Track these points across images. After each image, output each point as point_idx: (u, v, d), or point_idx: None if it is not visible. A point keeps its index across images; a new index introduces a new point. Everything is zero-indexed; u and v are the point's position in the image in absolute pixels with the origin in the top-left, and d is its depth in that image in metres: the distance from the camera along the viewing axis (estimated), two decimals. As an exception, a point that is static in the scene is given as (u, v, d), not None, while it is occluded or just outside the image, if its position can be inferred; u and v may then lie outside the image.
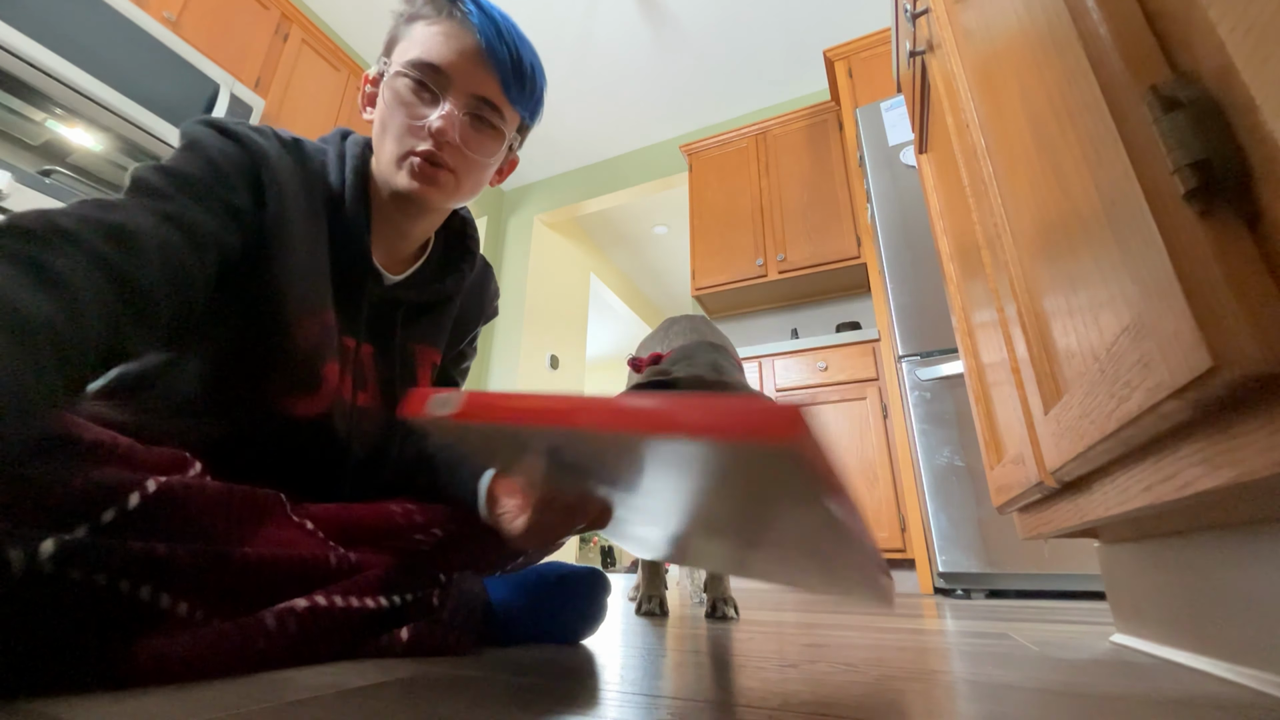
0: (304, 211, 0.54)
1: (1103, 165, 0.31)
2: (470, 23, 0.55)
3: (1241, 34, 0.22)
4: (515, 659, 0.51)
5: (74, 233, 0.36)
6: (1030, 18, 0.42)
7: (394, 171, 0.56)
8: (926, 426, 1.67)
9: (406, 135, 0.55)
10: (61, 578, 0.33)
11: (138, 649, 0.35)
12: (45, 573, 0.32)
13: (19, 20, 1.48)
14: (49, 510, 0.34)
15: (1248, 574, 0.43)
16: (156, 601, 0.37)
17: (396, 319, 0.63)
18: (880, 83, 2.43)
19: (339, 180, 0.58)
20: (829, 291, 2.78)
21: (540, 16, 2.81)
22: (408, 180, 0.55)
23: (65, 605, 0.34)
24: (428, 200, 0.57)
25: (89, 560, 0.34)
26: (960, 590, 1.56)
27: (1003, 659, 0.55)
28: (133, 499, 0.38)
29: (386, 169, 0.57)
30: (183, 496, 0.40)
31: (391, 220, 0.61)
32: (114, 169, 1.88)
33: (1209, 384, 0.24)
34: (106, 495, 0.37)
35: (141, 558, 0.36)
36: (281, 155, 0.54)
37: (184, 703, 0.31)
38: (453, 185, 0.58)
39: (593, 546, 5.80)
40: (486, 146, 0.59)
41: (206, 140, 0.50)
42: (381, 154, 0.57)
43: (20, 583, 0.32)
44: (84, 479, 0.36)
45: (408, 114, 0.55)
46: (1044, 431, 0.52)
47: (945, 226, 1.05)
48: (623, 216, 4.27)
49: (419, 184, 0.55)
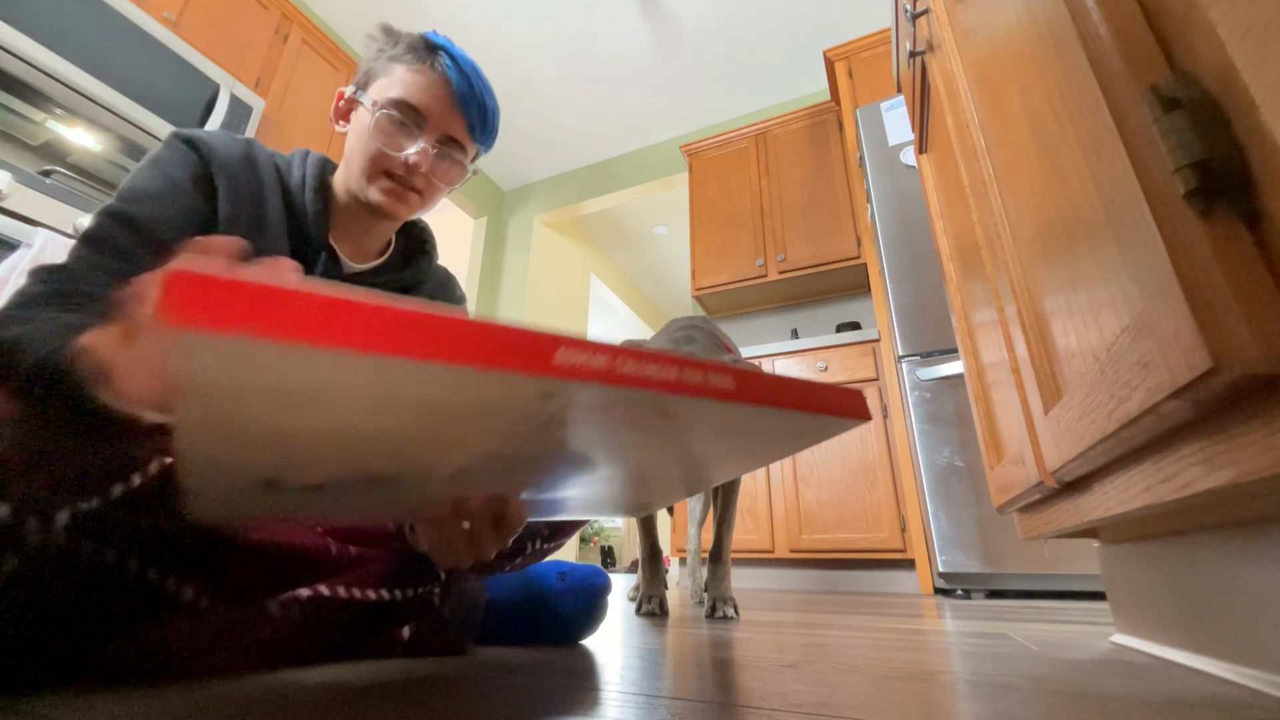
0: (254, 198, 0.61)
1: (1103, 165, 0.31)
2: (448, 75, 0.65)
3: (1241, 34, 0.22)
4: (515, 659, 0.51)
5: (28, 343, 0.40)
6: (1030, 17, 0.42)
7: (364, 185, 0.65)
8: (926, 426, 1.67)
9: (381, 159, 0.64)
10: (74, 552, 0.34)
11: (144, 634, 0.36)
12: (58, 544, 0.33)
13: (19, 20, 1.48)
14: (65, 480, 0.35)
15: (1248, 574, 0.43)
16: (164, 584, 0.38)
17: None
18: (880, 83, 2.43)
19: (300, 175, 0.66)
20: (829, 291, 2.78)
21: (540, 16, 2.81)
22: (379, 195, 0.64)
23: (75, 583, 0.34)
24: (395, 214, 0.66)
25: (99, 534, 0.35)
26: (960, 590, 1.56)
27: (1003, 659, 0.55)
28: (135, 478, 0.38)
29: (357, 180, 0.65)
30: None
31: (356, 220, 0.68)
32: (114, 169, 1.88)
33: (1209, 384, 0.24)
34: (118, 469, 0.38)
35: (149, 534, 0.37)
36: (231, 147, 0.62)
37: (184, 703, 0.31)
38: (418, 203, 0.67)
39: (593, 546, 5.79)
40: (451, 176, 0.69)
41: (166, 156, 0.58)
42: (354, 166, 0.65)
43: (34, 555, 0.32)
44: (94, 453, 0.37)
45: (386, 142, 0.63)
46: (1044, 432, 0.52)
47: (945, 226, 1.05)
48: (623, 216, 4.27)
49: (389, 199, 0.64)
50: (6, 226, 1.28)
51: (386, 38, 0.67)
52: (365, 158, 0.64)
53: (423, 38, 0.67)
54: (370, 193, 0.64)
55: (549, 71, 3.12)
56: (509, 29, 2.88)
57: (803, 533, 2.00)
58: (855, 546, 1.90)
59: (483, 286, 3.65)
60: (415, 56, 0.65)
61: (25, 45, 1.48)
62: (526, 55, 3.03)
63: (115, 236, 0.52)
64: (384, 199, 0.64)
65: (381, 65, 0.66)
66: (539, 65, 3.09)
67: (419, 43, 0.66)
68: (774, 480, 2.10)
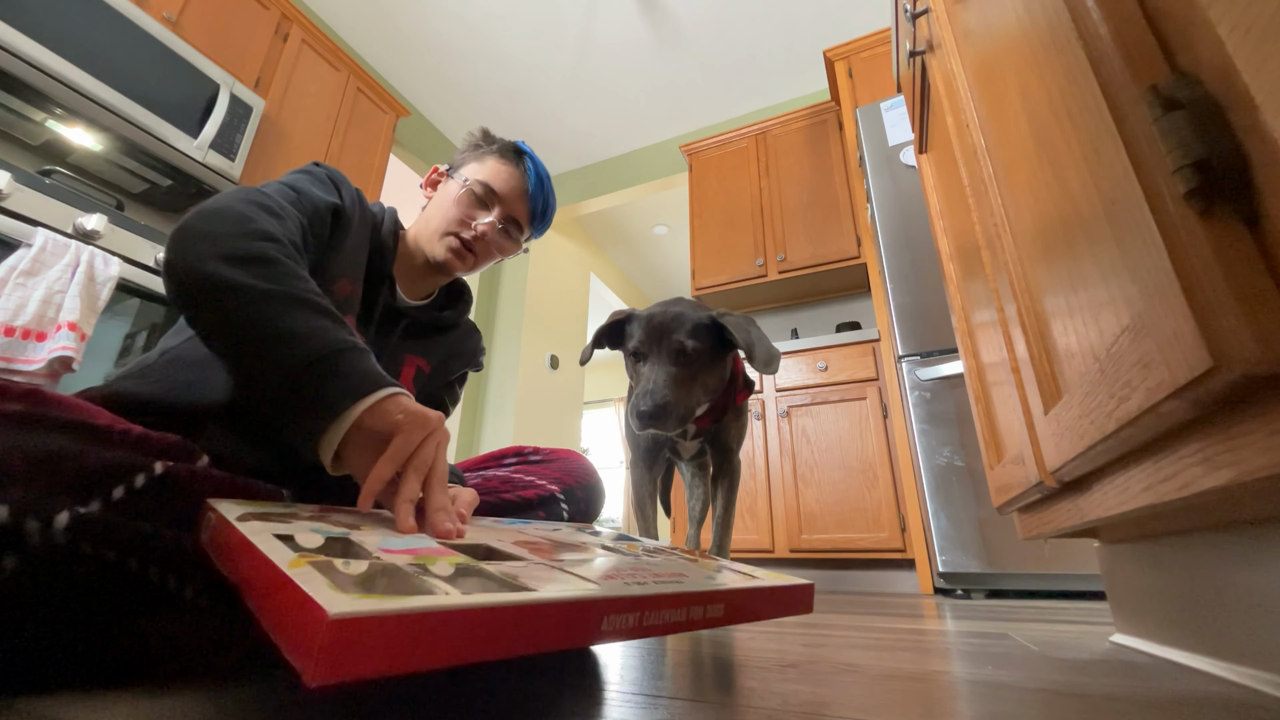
0: (360, 223, 0.73)
1: (1103, 165, 0.31)
2: (527, 175, 0.82)
3: (1241, 34, 0.22)
4: (516, 658, 0.51)
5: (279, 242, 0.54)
6: (1030, 18, 0.42)
7: (434, 241, 0.77)
8: (926, 426, 1.67)
9: (457, 222, 0.77)
10: (74, 552, 0.34)
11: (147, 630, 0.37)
12: (59, 544, 0.34)
13: (19, 20, 1.48)
14: (64, 483, 0.36)
15: (1248, 574, 0.43)
16: (164, 583, 0.38)
17: (397, 329, 0.77)
18: (880, 83, 2.43)
19: (381, 219, 0.78)
20: (829, 291, 2.78)
21: (540, 16, 2.81)
22: (444, 252, 0.77)
23: (77, 580, 0.35)
24: (452, 269, 0.79)
25: (99, 535, 0.35)
26: (960, 590, 1.56)
27: (1003, 659, 0.55)
28: (139, 479, 0.39)
29: (429, 238, 0.78)
30: (187, 482, 0.42)
31: (413, 270, 0.80)
32: (114, 169, 1.88)
33: (1209, 384, 0.24)
34: (117, 473, 0.38)
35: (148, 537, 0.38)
36: (353, 192, 0.75)
37: (184, 702, 0.31)
38: (472, 264, 0.80)
39: (593, 546, 5.79)
40: (506, 248, 0.83)
41: (314, 171, 0.71)
42: (429, 225, 0.79)
43: (36, 555, 0.33)
44: (97, 456, 0.38)
45: (464, 211, 0.78)
46: (1044, 431, 0.52)
47: (945, 226, 1.05)
48: (623, 216, 4.27)
49: (452, 256, 0.77)
50: (6, 226, 1.28)
51: (484, 137, 0.84)
52: (445, 219, 0.77)
53: (514, 144, 0.84)
54: (438, 248, 0.77)
55: (549, 71, 3.12)
56: (509, 29, 2.88)
57: (803, 533, 2.00)
58: (855, 546, 1.90)
59: (483, 286, 3.66)
60: (504, 155, 0.82)
61: (25, 45, 1.48)
62: (526, 55, 3.03)
63: (279, 200, 0.60)
64: (449, 255, 0.77)
65: (476, 155, 0.82)
66: (539, 65, 3.09)
67: (510, 146, 0.83)
68: (774, 480, 2.10)
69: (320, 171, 0.71)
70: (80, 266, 1.34)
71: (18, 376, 1.23)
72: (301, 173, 0.70)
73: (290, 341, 0.45)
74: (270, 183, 0.64)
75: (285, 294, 0.48)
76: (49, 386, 1.32)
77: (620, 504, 5.93)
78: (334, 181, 0.72)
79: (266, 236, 0.52)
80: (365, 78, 2.67)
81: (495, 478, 0.79)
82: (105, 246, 1.44)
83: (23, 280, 1.26)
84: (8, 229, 1.28)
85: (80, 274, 1.33)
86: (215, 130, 1.90)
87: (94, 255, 1.38)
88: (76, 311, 1.30)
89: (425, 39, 2.96)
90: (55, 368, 1.26)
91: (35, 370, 1.24)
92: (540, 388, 3.59)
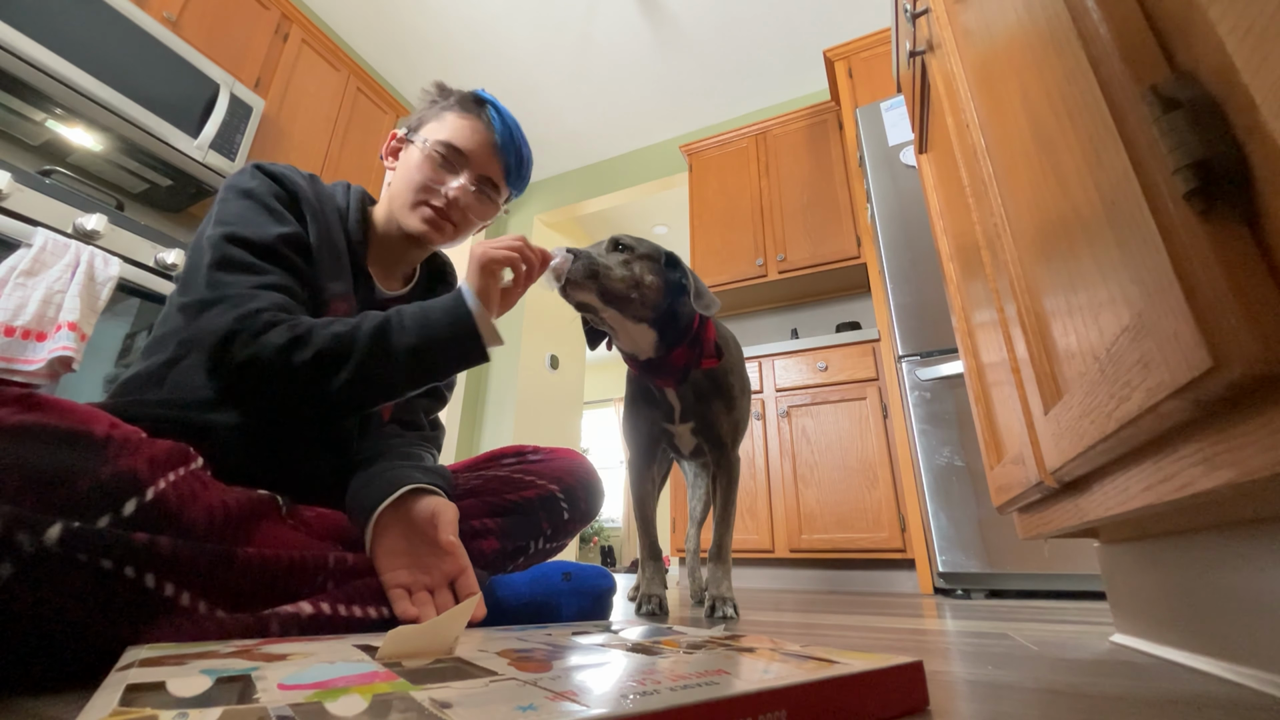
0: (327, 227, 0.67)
1: (1103, 165, 0.31)
2: (492, 125, 0.73)
3: (1241, 34, 0.22)
4: None
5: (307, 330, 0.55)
6: (1030, 18, 0.42)
7: (407, 213, 0.71)
8: (926, 426, 1.67)
9: (424, 190, 0.70)
10: (70, 559, 0.35)
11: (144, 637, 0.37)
12: (53, 553, 0.34)
13: (19, 20, 1.48)
14: (55, 506, 0.36)
15: (1248, 574, 0.43)
16: (161, 589, 0.39)
17: None
18: (880, 83, 2.43)
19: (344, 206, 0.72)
20: (829, 291, 2.78)
21: (540, 16, 2.81)
22: (419, 223, 0.70)
23: (72, 588, 0.35)
24: (431, 241, 0.72)
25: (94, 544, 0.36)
26: (960, 590, 1.56)
27: (1003, 659, 0.55)
28: (128, 506, 0.39)
29: (400, 209, 0.71)
30: (189, 494, 0.42)
31: (391, 249, 0.74)
32: (114, 169, 1.88)
33: (1209, 384, 0.24)
34: (129, 487, 0.39)
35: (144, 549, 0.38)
36: (302, 181, 0.68)
37: (184, 703, 0.31)
38: (452, 234, 0.73)
39: (593, 546, 5.80)
40: (484, 212, 0.76)
41: (258, 188, 0.63)
42: (399, 197, 0.71)
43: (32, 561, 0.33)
44: (112, 470, 0.39)
45: (431, 176, 0.70)
46: (1044, 431, 0.52)
47: (945, 226, 1.05)
48: (623, 216, 4.27)
49: (428, 228, 0.70)
50: (6, 226, 1.28)
51: (440, 92, 0.76)
52: (411, 189, 0.70)
53: (473, 93, 0.75)
54: (412, 220, 0.70)
55: (549, 71, 3.12)
56: (509, 29, 2.88)
57: (803, 532, 2.00)
58: (855, 546, 1.90)
59: (483, 286, 3.65)
60: (464, 107, 0.73)
61: (25, 45, 1.48)
62: (526, 55, 3.03)
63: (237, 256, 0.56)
64: (424, 226, 0.70)
65: (434, 113, 0.74)
66: (539, 65, 3.09)
67: (469, 97, 0.74)
68: (774, 480, 2.10)
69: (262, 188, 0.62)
70: (80, 266, 1.34)
71: (18, 376, 1.23)
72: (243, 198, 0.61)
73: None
74: (223, 246, 0.56)
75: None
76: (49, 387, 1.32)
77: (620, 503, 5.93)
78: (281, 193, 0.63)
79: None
80: (365, 78, 2.67)
81: (495, 478, 0.78)
82: (105, 246, 1.44)
83: (23, 280, 1.26)
84: (8, 229, 1.28)
85: (80, 274, 1.34)
86: (215, 130, 1.90)
87: (94, 255, 1.38)
88: (76, 311, 1.30)
89: (425, 39, 2.96)
90: (55, 368, 1.26)
91: (35, 370, 1.24)
92: (540, 387, 3.59)
